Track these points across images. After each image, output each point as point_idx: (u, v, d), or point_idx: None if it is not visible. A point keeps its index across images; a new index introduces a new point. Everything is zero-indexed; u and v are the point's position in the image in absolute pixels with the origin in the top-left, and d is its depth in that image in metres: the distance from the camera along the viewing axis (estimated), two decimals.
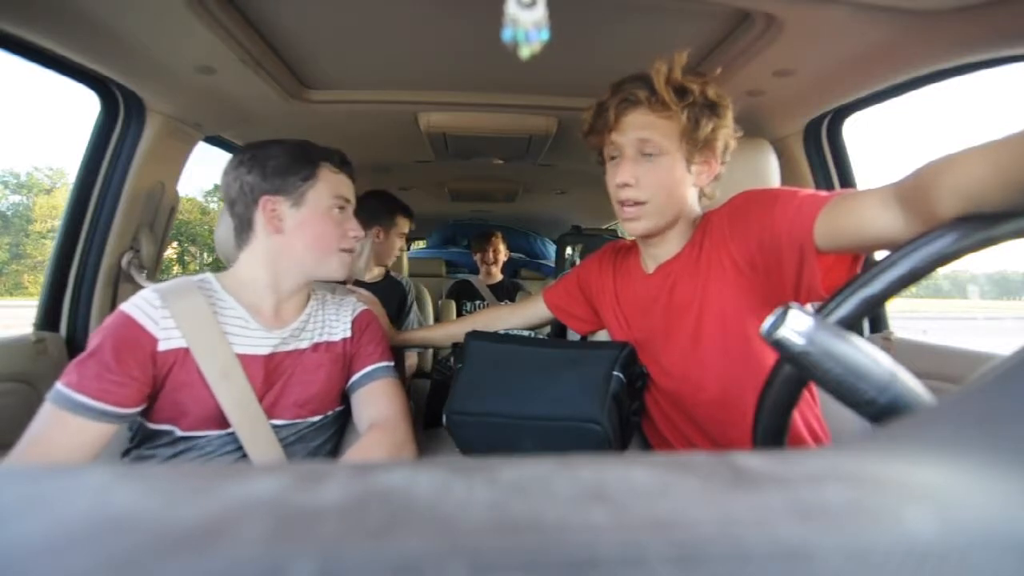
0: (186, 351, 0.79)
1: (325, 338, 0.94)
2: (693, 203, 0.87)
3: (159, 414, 0.80)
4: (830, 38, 0.91)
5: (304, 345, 0.91)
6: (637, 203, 0.82)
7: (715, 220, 0.85)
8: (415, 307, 1.97)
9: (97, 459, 0.76)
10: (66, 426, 0.72)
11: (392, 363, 0.98)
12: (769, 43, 0.93)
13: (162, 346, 0.77)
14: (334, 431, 0.96)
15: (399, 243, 1.91)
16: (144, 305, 0.78)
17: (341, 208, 0.91)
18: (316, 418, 0.90)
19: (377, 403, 0.92)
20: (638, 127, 0.81)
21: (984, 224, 0.42)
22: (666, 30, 0.99)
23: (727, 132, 0.82)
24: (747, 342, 0.79)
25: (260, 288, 0.89)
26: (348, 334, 0.96)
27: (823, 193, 0.71)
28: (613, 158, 0.85)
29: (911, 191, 0.55)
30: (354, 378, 0.94)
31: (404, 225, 1.90)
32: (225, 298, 0.87)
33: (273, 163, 0.86)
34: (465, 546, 0.11)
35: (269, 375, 0.85)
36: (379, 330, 1.00)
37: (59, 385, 0.73)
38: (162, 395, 0.79)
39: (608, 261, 1.01)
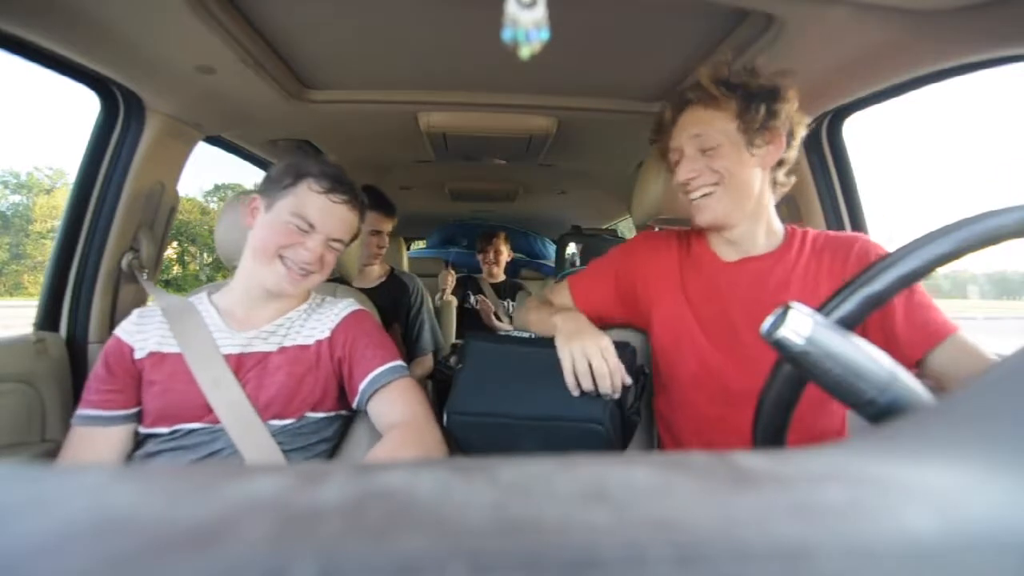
0: (158, 355, 0.88)
1: (298, 342, 0.92)
2: (764, 193, 0.87)
3: (144, 415, 0.88)
4: (830, 38, 0.91)
5: (271, 348, 0.90)
6: (705, 195, 0.85)
7: (835, 246, 0.86)
8: (427, 317, 1.82)
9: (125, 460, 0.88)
10: (90, 439, 0.86)
11: (401, 362, 0.94)
12: (769, 43, 0.93)
13: (137, 354, 0.89)
14: (320, 440, 0.93)
15: (374, 241, 1.68)
16: (126, 324, 0.92)
17: (304, 230, 0.89)
18: (287, 421, 0.88)
19: (394, 407, 0.89)
20: (691, 124, 0.86)
21: (983, 224, 0.42)
22: (666, 30, 0.99)
23: (789, 109, 0.84)
24: None
25: (236, 291, 0.95)
26: (326, 335, 0.93)
27: (942, 319, 0.77)
28: (676, 161, 0.89)
29: None
30: (362, 387, 0.91)
31: (379, 222, 1.66)
32: (206, 306, 0.94)
33: (274, 170, 0.93)
34: (465, 546, 0.11)
35: (235, 373, 0.87)
36: (374, 332, 0.97)
37: (76, 410, 0.88)
38: (143, 395, 0.88)
39: (663, 247, 0.98)
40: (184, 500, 0.12)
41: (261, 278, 0.91)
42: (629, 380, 0.82)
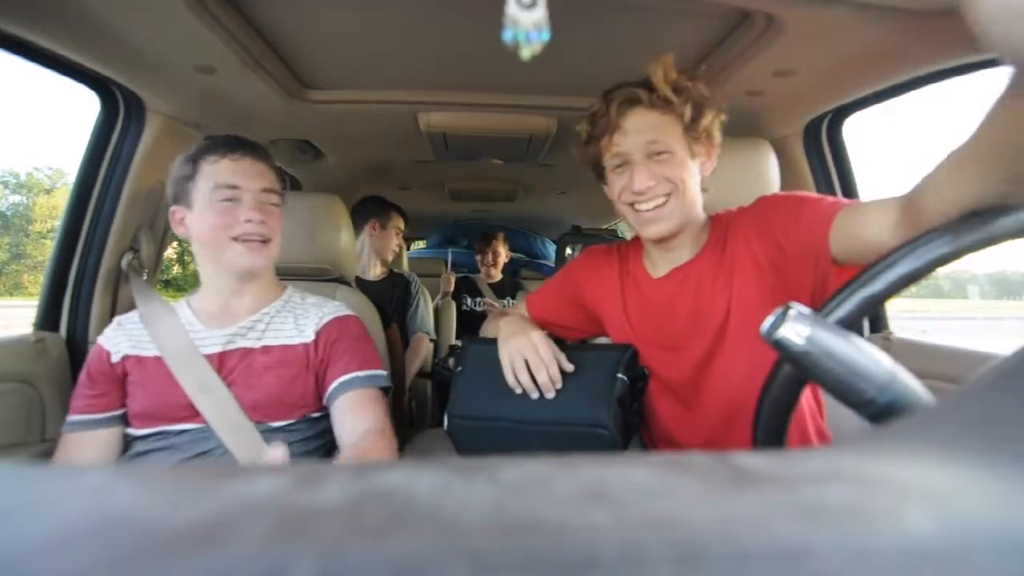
0: (134, 358, 0.89)
1: (281, 341, 0.91)
2: (699, 201, 0.86)
3: (131, 418, 0.89)
4: (830, 38, 0.91)
5: (254, 345, 0.89)
6: (658, 206, 0.81)
7: (736, 221, 0.86)
8: (421, 301, 1.98)
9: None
10: (79, 443, 0.87)
11: (373, 371, 0.93)
12: (769, 43, 0.93)
13: (114, 358, 0.90)
14: (313, 436, 0.93)
15: (396, 239, 1.99)
16: (106, 331, 0.94)
17: (229, 198, 0.88)
18: (278, 423, 0.88)
19: (351, 418, 0.88)
20: (643, 128, 0.80)
21: (983, 224, 0.42)
22: (666, 30, 0.99)
23: (720, 123, 0.84)
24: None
25: (205, 291, 0.95)
26: (310, 339, 0.92)
27: (845, 200, 0.73)
28: (618, 167, 0.84)
29: (908, 199, 0.58)
30: (330, 390, 0.90)
31: (399, 221, 1.98)
32: (182, 308, 0.94)
33: (172, 174, 0.92)
34: (465, 546, 0.11)
35: (217, 372, 0.87)
36: (359, 338, 0.96)
37: (67, 417, 0.89)
38: (128, 399, 0.89)
39: (605, 264, 0.98)
40: (184, 500, 0.12)
41: (228, 266, 0.90)
42: (569, 367, 0.83)
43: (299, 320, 0.94)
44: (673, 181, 0.80)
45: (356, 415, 0.88)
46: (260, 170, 0.92)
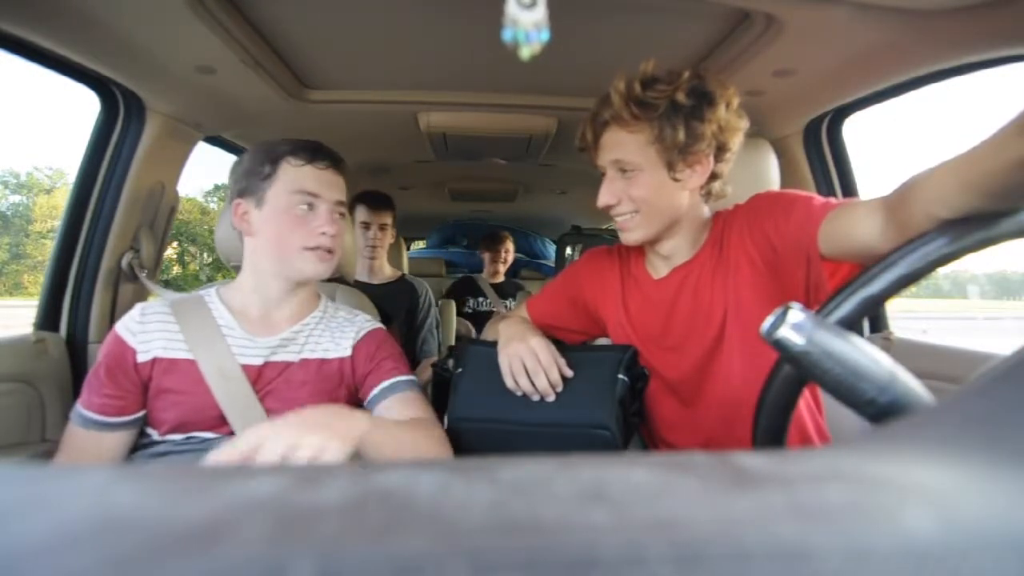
0: (166, 361, 0.83)
1: (318, 354, 0.89)
2: (694, 206, 0.86)
3: (149, 419, 0.85)
4: (830, 38, 0.91)
5: (292, 358, 0.88)
6: (626, 219, 0.84)
7: (733, 220, 0.86)
8: (432, 310, 1.88)
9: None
10: (87, 440, 0.82)
11: (414, 377, 0.94)
12: (769, 43, 0.93)
13: (140, 358, 0.83)
14: None
15: (361, 234, 1.79)
16: (128, 322, 0.86)
17: (309, 205, 0.86)
18: None
19: (405, 411, 0.87)
20: (610, 147, 0.83)
21: (982, 224, 0.42)
22: (666, 30, 0.99)
23: (713, 127, 0.78)
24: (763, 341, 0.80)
25: (247, 293, 0.90)
26: (347, 354, 0.91)
27: (835, 200, 0.74)
28: (603, 176, 0.87)
29: (894, 202, 0.58)
30: (373, 393, 0.89)
31: (365, 214, 1.77)
32: (217, 306, 0.89)
33: (242, 167, 0.89)
34: (465, 546, 0.11)
35: (254, 385, 0.84)
36: (394, 348, 0.96)
37: (76, 405, 0.84)
38: (149, 401, 0.84)
39: (607, 266, 0.99)
40: (184, 500, 0.12)
41: (291, 272, 0.88)
42: (569, 372, 0.84)
43: (335, 334, 0.92)
44: (635, 200, 0.82)
45: (404, 410, 0.87)
46: (338, 182, 0.91)
